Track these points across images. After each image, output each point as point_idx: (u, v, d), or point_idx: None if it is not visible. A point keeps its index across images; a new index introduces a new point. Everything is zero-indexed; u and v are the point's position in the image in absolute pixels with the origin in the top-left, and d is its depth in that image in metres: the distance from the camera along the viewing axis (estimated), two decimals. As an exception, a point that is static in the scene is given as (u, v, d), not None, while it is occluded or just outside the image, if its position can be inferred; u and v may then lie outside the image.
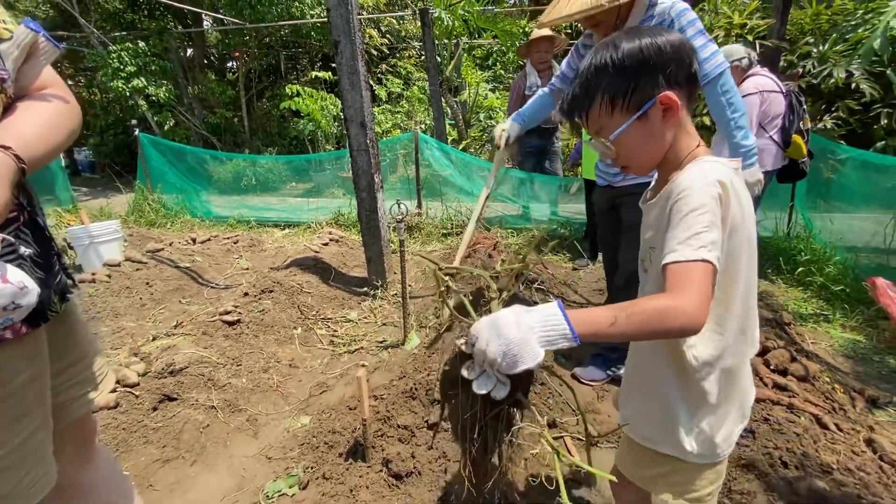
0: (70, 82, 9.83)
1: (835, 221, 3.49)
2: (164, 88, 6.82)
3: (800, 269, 3.33)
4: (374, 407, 1.85)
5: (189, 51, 8.83)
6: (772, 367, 1.89)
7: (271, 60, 10.73)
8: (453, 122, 7.57)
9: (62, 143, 0.82)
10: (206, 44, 9.63)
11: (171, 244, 3.85)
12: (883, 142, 5.56)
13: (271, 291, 2.86)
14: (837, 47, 5.47)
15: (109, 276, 3.16)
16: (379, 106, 8.99)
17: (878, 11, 3.00)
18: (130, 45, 6.63)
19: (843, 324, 2.81)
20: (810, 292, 3.20)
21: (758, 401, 1.69)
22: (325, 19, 7.53)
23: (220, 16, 7.35)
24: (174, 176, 5.52)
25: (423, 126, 8.59)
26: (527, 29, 12.19)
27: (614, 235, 2.19)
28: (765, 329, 2.31)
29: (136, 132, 5.25)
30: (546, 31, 3.83)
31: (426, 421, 1.77)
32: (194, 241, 4.01)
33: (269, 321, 2.61)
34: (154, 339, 2.39)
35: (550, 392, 2.02)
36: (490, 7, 6.29)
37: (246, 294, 2.79)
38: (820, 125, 5.58)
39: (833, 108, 5.58)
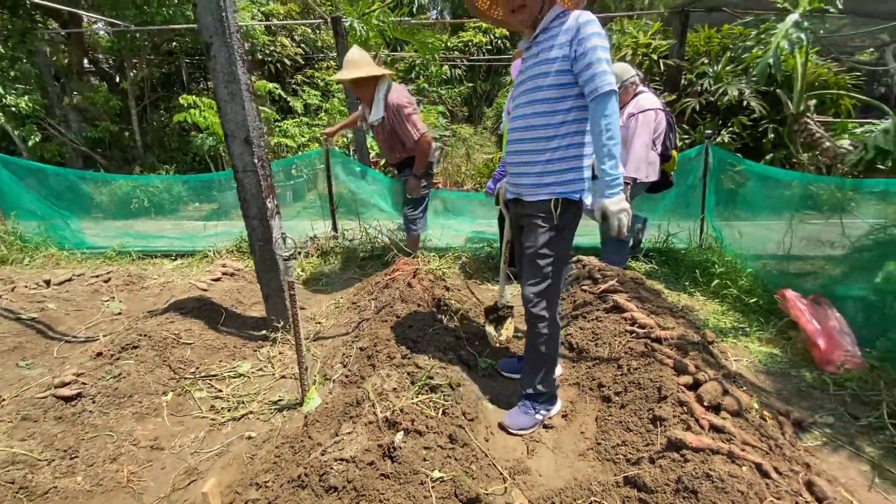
0: None
1: (741, 231, 3.61)
2: (26, 98, 5.76)
3: (715, 281, 3.38)
4: (250, 506, 1.43)
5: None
6: (706, 404, 1.74)
7: (171, 68, 9.71)
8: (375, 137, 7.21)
9: None
10: (90, 48, 8.47)
11: (12, 289, 3.09)
12: (770, 154, 6.07)
13: (135, 347, 2.30)
14: (728, 68, 5.90)
15: None
16: (294, 118, 8.41)
17: (769, 32, 3.14)
18: (-21, 46, 5.55)
19: (760, 337, 2.83)
20: (727, 305, 3.25)
21: (696, 450, 1.52)
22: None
23: (98, 17, 6.43)
24: (34, 201, 4.61)
25: (346, 139, 8.14)
26: (449, 43, 12.22)
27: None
28: (693, 353, 2.20)
29: (-21, 149, 4.31)
30: (347, 75, 3.08)
31: (319, 520, 1.39)
32: (48, 282, 3.27)
33: (127, 389, 2.07)
34: (-47, 431, 1.77)
35: (474, 455, 1.72)
36: (407, 19, 6.07)
37: (99, 354, 2.22)
38: (718, 139, 5.97)
39: (729, 124, 6.00)
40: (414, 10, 12.87)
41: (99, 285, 3.42)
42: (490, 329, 2.59)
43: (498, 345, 2.60)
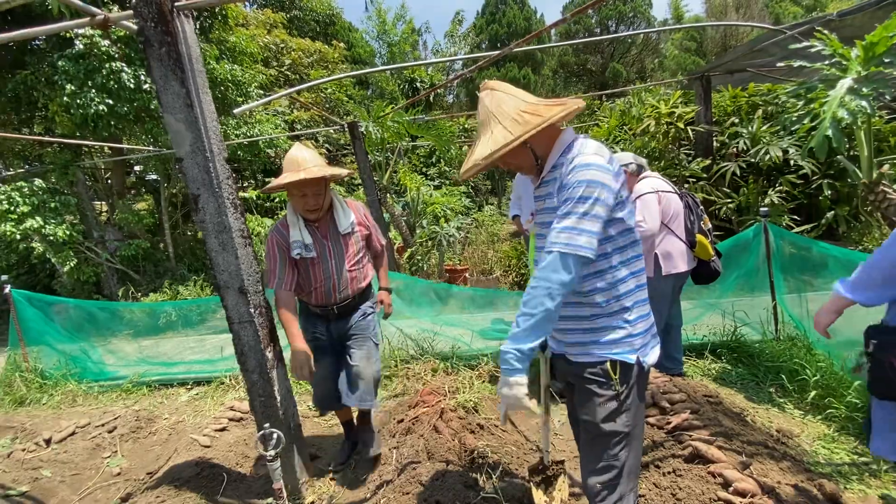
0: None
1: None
2: (64, 226, 6.03)
3: (812, 393, 2.74)
4: None
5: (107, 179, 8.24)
6: None
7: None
8: (398, 228, 7.12)
9: None
10: (130, 169, 9.11)
11: (9, 454, 2.84)
12: (832, 212, 5.48)
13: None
14: (765, 128, 5.53)
15: None
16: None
17: (819, 102, 2.78)
18: (24, 184, 5.93)
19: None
20: (834, 425, 2.58)
21: None
22: (245, 140, 7.29)
23: (137, 147, 6.89)
24: (57, 335, 4.56)
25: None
26: (466, 125, 12.57)
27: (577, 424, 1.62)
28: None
29: (8, 288, 4.36)
30: (310, 173, 2.06)
31: None
32: (48, 441, 3.02)
33: None
34: None
35: None
36: (421, 116, 6.15)
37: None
38: (766, 200, 5.46)
39: (776, 184, 5.52)
40: (431, 99, 13.51)
41: (102, 437, 3.13)
42: (539, 496, 2.06)
43: None
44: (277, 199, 7.52)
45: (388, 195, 7.13)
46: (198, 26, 7.02)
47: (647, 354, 1.43)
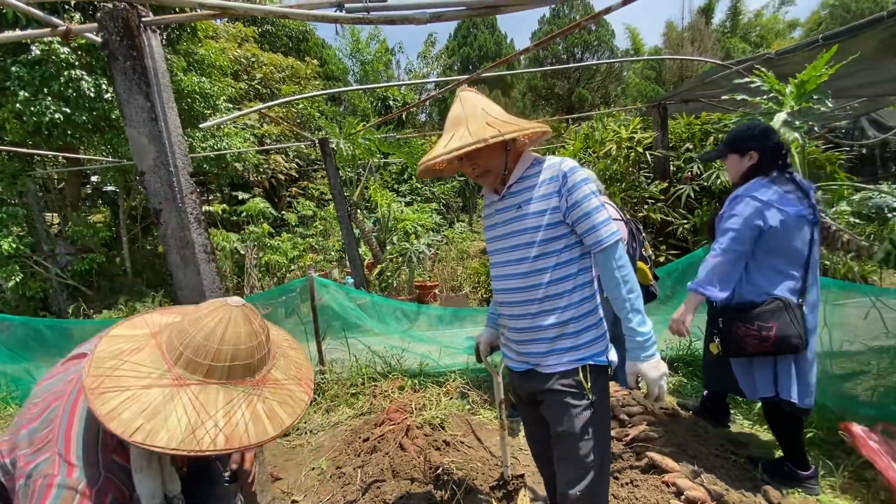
0: None
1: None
2: (10, 238, 5.70)
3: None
4: None
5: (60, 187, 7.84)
6: None
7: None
8: (369, 244, 7.11)
9: None
10: (86, 180, 8.73)
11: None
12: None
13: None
14: (716, 153, 5.90)
15: None
16: (289, 232, 8.39)
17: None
18: (-34, 195, 5.61)
19: (832, 484, 2.31)
20: (779, 434, 2.74)
21: None
22: (214, 153, 7.13)
23: (95, 157, 6.63)
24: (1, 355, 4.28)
25: (339, 243, 8.05)
26: (434, 141, 12.79)
27: (544, 439, 1.64)
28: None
29: (-56, 306, 4.08)
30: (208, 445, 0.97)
31: None
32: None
33: None
34: None
35: None
36: (393, 135, 6.23)
37: None
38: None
39: (727, 207, 5.87)
40: (404, 117, 13.67)
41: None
42: (501, 511, 2.09)
43: None
44: (245, 214, 7.37)
45: (358, 211, 7.12)
46: (165, 37, 6.92)
47: (611, 353, 1.52)
